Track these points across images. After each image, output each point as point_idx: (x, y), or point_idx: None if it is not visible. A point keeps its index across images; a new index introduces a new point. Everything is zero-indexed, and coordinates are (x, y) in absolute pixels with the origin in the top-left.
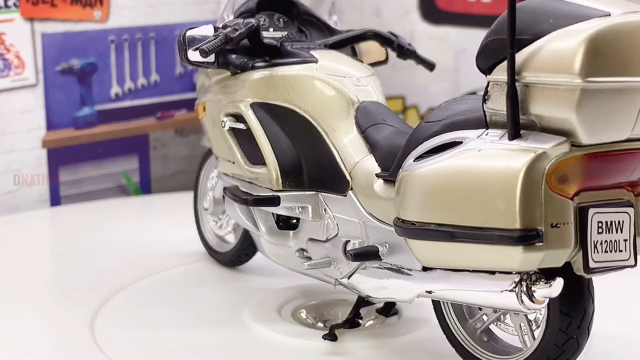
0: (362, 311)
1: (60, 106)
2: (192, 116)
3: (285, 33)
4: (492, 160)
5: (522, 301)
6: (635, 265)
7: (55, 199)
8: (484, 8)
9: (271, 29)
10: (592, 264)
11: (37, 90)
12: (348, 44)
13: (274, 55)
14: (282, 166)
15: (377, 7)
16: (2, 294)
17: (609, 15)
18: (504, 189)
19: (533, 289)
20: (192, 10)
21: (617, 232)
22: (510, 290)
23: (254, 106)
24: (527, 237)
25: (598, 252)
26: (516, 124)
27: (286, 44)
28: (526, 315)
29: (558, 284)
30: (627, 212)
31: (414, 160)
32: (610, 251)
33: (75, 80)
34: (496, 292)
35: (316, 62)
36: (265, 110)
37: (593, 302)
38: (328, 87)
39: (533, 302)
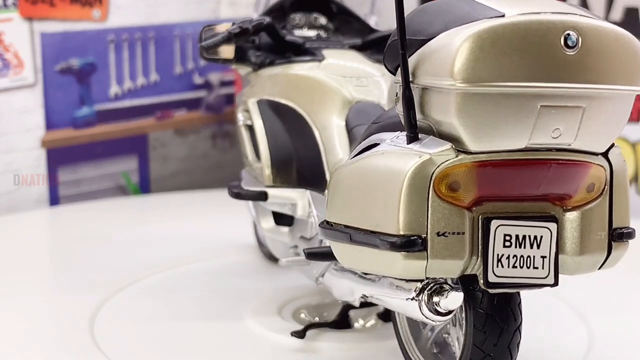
0: (362, 313)
1: (59, 106)
2: (192, 116)
3: (317, 32)
4: (386, 163)
5: (422, 311)
6: (555, 284)
7: (55, 199)
8: None
9: (305, 28)
10: (492, 278)
11: (36, 90)
12: (376, 44)
13: (298, 53)
14: (275, 162)
15: (378, 6)
16: (2, 294)
17: (503, 15)
18: (389, 192)
19: (435, 299)
20: (191, 10)
21: (532, 247)
22: (412, 299)
23: (261, 103)
24: (406, 244)
25: (502, 267)
26: (412, 127)
27: (308, 43)
28: (462, 327)
29: (453, 297)
30: (547, 228)
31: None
32: (521, 267)
33: (74, 80)
34: (403, 299)
35: (320, 61)
36: (270, 107)
37: (516, 320)
38: (324, 86)
39: (436, 313)
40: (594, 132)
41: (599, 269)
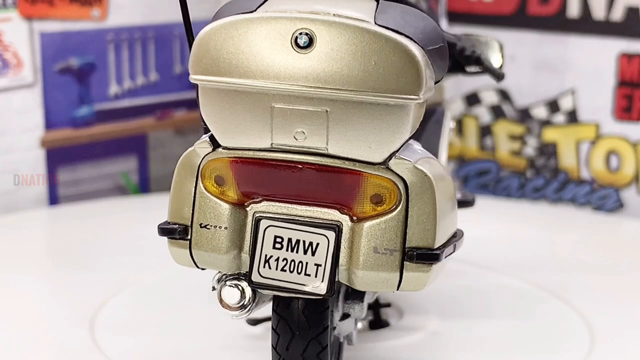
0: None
1: (58, 106)
2: (192, 116)
3: None
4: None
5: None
6: (327, 295)
7: (54, 199)
8: (485, 7)
9: None
10: (256, 278)
11: (35, 89)
12: None
13: None
14: None
15: None
16: (1, 294)
17: (253, 11)
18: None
19: (222, 292)
20: (191, 10)
21: (305, 253)
22: (213, 289)
23: None
24: (168, 231)
25: (270, 268)
26: (202, 119)
27: None
28: None
29: (227, 292)
30: (324, 235)
31: None
32: (291, 271)
33: (73, 79)
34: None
35: None
36: None
37: (311, 328)
38: None
39: (227, 307)
40: (350, 138)
41: (399, 289)
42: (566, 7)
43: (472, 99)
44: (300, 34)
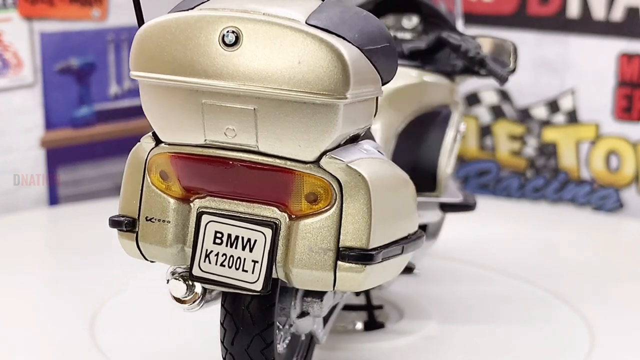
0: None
1: (58, 106)
2: None
3: (405, 34)
4: None
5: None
6: (262, 292)
7: (54, 199)
8: (485, 8)
9: (391, 30)
10: (196, 272)
11: (35, 89)
12: (437, 51)
13: None
14: None
15: None
16: (1, 294)
17: (190, 9)
18: None
19: (169, 285)
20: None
21: (244, 249)
22: (167, 281)
23: None
24: (116, 223)
25: (210, 263)
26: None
27: None
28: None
29: (173, 284)
30: (261, 232)
31: None
32: (230, 267)
33: (73, 79)
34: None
35: None
36: None
37: (255, 324)
38: None
39: (176, 299)
40: (280, 136)
41: (335, 288)
42: (566, 7)
43: (472, 99)
44: (227, 32)
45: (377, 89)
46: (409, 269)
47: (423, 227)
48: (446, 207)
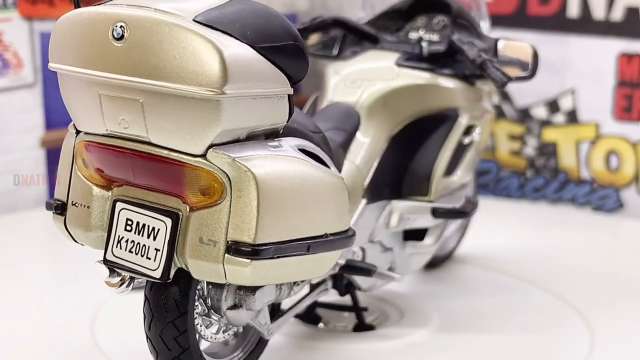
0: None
1: (58, 106)
2: None
3: (436, 35)
4: None
5: None
6: (162, 280)
7: None
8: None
9: (421, 31)
10: (109, 256)
11: (35, 89)
12: (455, 53)
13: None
14: None
15: (380, 7)
16: (2, 295)
17: (100, 4)
18: None
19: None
20: None
21: (149, 237)
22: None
23: None
24: (51, 206)
25: (121, 249)
26: None
27: (381, 44)
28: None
29: (97, 268)
30: (163, 221)
31: None
32: (137, 254)
33: None
34: None
35: (336, 58)
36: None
37: (168, 311)
38: (324, 83)
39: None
40: (167, 128)
41: (227, 281)
42: (566, 7)
43: None
44: (116, 26)
45: (280, 86)
46: (367, 271)
47: (423, 231)
48: (438, 213)
